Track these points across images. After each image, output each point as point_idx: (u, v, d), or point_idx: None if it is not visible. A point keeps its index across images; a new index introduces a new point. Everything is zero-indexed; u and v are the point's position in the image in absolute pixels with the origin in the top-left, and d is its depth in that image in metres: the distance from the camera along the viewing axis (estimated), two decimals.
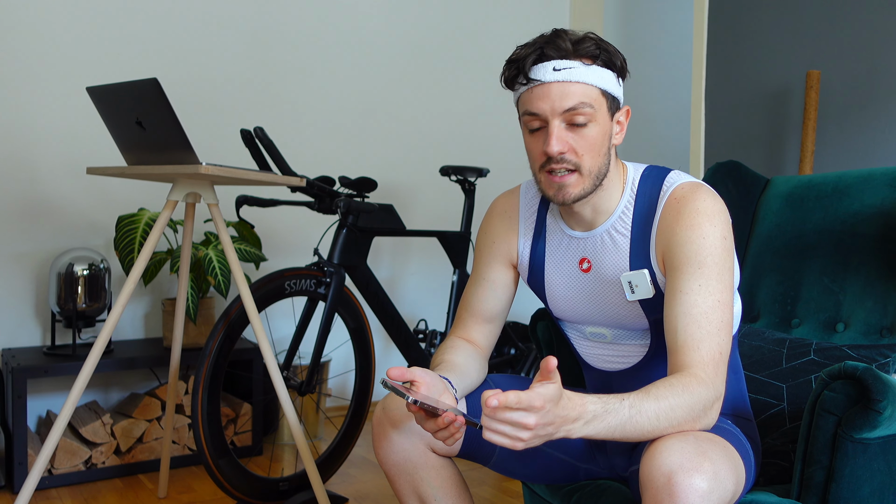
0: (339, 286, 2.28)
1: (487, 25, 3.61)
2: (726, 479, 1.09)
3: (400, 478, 1.38)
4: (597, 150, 1.29)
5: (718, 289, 1.24)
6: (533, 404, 1.02)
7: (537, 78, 1.27)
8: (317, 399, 2.95)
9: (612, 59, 1.29)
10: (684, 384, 1.15)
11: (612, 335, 1.44)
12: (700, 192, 1.30)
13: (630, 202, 1.36)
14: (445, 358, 1.40)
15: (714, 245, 1.26)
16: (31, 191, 2.69)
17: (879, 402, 1.19)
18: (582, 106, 1.26)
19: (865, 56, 2.70)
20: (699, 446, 1.09)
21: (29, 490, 1.84)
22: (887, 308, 1.61)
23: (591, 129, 1.28)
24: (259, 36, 3.07)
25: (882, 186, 1.70)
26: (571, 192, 1.30)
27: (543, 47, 1.27)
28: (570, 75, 1.26)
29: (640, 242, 1.34)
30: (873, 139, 2.68)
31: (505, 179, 3.62)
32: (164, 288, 2.92)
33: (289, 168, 2.24)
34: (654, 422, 1.12)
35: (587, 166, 1.29)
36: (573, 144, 1.28)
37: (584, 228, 1.40)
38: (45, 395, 2.71)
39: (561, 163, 1.28)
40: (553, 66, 1.26)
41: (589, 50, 1.27)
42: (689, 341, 1.21)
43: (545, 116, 1.27)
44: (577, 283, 1.42)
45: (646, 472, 1.09)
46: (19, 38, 2.65)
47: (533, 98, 1.28)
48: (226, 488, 2.10)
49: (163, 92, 1.73)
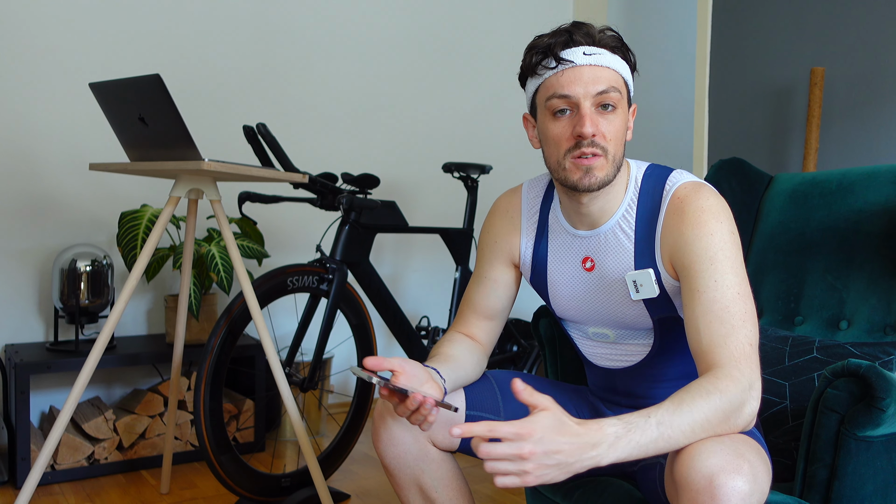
0: (341, 283, 2.28)
1: (491, 23, 3.61)
2: (763, 480, 1.08)
3: (400, 471, 1.38)
4: (620, 138, 1.31)
5: (735, 281, 1.22)
6: (520, 432, 1.01)
7: (569, 59, 1.27)
8: (319, 396, 2.95)
9: (628, 54, 1.32)
10: (718, 387, 1.12)
11: (616, 335, 1.43)
12: (702, 191, 1.30)
13: (633, 200, 1.36)
14: (441, 350, 1.41)
15: (723, 240, 1.25)
16: (35, 187, 2.69)
17: (883, 400, 1.18)
18: (612, 90, 1.27)
19: (870, 53, 2.69)
20: (736, 448, 1.08)
21: (31, 485, 1.84)
22: (891, 306, 1.60)
23: (618, 116, 1.29)
24: (262, 32, 3.07)
25: (886, 184, 1.69)
26: (598, 175, 1.29)
27: (572, 32, 1.28)
28: (599, 60, 1.27)
29: (644, 242, 1.34)
30: (877, 136, 2.67)
31: (508, 176, 3.62)
32: (166, 284, 2.92)
33: (291, 164, 2.24)
34: (690, 435, 1.09)
35: (612, 151, 1.29)
36: (602, 128, 1.28)
37: (587, 227, 1.39)
38: (48, 391, 2.71)
39: (592, 146, 1.27)
40: (583, 51, 1.27)
41: (612, 40, 1.30)
42: (715, 339, 1.18)
43: (576, 99, 1.27)
44: (580, 283, 1.42)
45: (683, 475, 1.07)
46: (22, 34, 2.65)
47: (563, 81, 1.28)
48: (228, 484, 2.10)
49: (165, 88, 1.73)
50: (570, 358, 1.75)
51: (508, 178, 3.63)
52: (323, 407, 3.00)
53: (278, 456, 2.75)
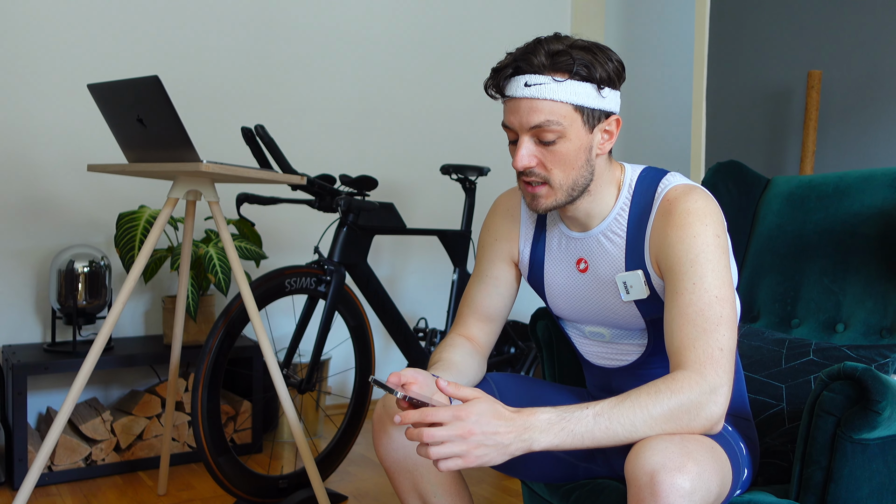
0: (339, 284, 2.28)
1: (488, 24, 3.61)
2: (710, 480, 1.08)
3: (399, 475, 1.38)
4: (569, 165, 1.29)
5: (715, 284, 1.22)
6: (458, 415, 1.09)
7: (509, 94, 1.28)
8: (316, 397, 2.95)
9: (592, 72, 1.25)
10: (670, 388, 1.15)
11: (611, 334, 1.44)
12: (692, 193, 1.30)
13: (626, 204, 1.36)
14: (443, 356, 1.41)
15: (706, 243, 1.25)
16: (32, 188, 2.69)
17: (879, 403, 1.19)
18: (548, 123, 1.25)
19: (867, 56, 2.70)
20: (684, 446, 1.09)
21: (29, 486, 1.84)
22: (887, 309, 1.61)
23: (561, 146, 1.27)
24: (260, 34, 3.07)
25: (883, 187, 1.69)
26: (542, 202, 1.32)
27: (519, 61, 1.26)
28: (538, 92, 1.25)
29: (634, 244, 1.35)
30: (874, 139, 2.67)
31: (505, 178, 3.62)
32: (164, 285, 2.92)
33: (289, 166, 2.24)
34: (632, 430, 1.12)
35: (557, 180, 1.30)
36: (542, 159, 1.29)
37: (580, 229, 1.41)
38: (46, 392, 2.71)
39: (530, 176, 1.30)
40: (525, 81, 1.26)
41: (564, 64, 1.24)
42: (685, 341, 1.20)
43: (516, 130, 1.29)
44: (574, 283, 1.43)
45: (630, 471, 1.09)
46: (20, 34, 2.65)
47: (507, 111, 1.30)
48: (225, 486, 2.10)
49: (164, 89, 1.73)
50: (567, 360, 1.76)
51: (506, 180, 3.63)
52: (320, 408, 3.00)
53: (276, 457, 2.75)
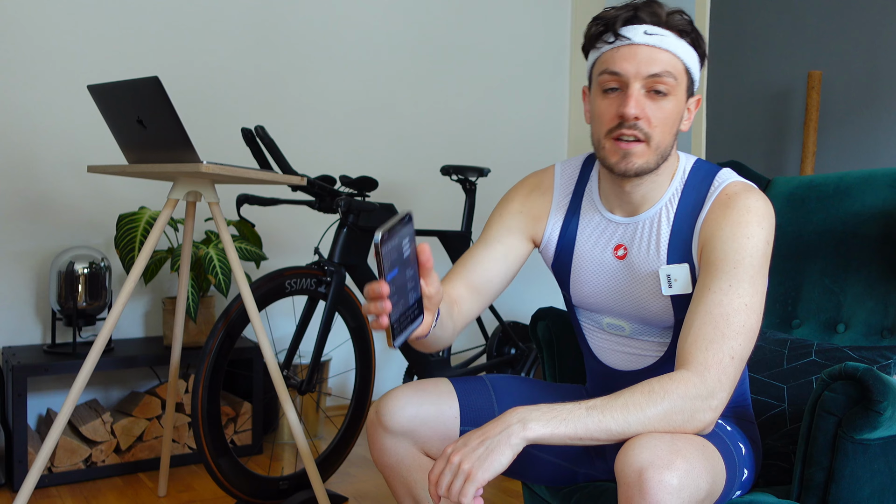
0: (339, 285, 2.28)
1: (488, 25, 3.61)
2: (700, 478, 1.07)
3: (394, 480, 1.37)
4: (669, 126, 1.25)
5: (749, 292, 1.19)
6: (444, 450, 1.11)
7: (627, 36, 1.23)
8: (317, 398, 2.95)
9: (699, 41, 1.26)
10: (665, 388, 1.12)
11: (632, 329, 1.40)
12: (754, 192, 1.27)
13: (677, 192, 1.32)
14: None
15: (756, 247, 1.22)
16: (32, 189, 2.69)
17: (880, 403, 1.18)
18: (666, 75, 1.22)
19: (867, 57, 2.69)
20: (673, 444, 1.08)
21: (29, 488, 1.84)
22: (888, 309, 1.61)
23: (669, 102, 1.24)
24: (260, 35, 3.07)
25: (883, 187, 1.69)
26: (636, 161, 1.25)
27: (638, 9, 1.24)
28: (660, 41, 1.23)
29: (681, 235, 1.30)
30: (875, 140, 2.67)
31: (506, 179, 3.62)
32: (164, 286, 2.92)
33: (289, 167, 2.24)
34: (625, 426, 1.10)
35: (657, 139, 1.25)
36: (649, 113, 1.23)
37: (626, 213, 1.35)
38: (46, 394, 2.71)
39: (633, 129, 1.23)
40: (644, 30, 1.23)
41: (681, 24, 1.24)
42: (700, 341, 1.17)
43: (626, 78, 1.23)
44: (607, 270, 1.37)
45: (619, 468, 1.08)
46: (20, 35, 2.65)
47: (617, 57, 1.24)
48: (226, 487, 2.10)
49: (164, 90, 1.73)
50: (568, 361, 1.76)
51: (507, 181, 3.63)
52: (321, 409, 3.00)
53: (276, 458, 2.75)
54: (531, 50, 3.75)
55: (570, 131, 3.88)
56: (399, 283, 1.04)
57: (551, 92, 3.82)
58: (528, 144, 3.76)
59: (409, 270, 1.06)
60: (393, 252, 1.00)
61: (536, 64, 3.77)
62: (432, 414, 1.33)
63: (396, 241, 1.00)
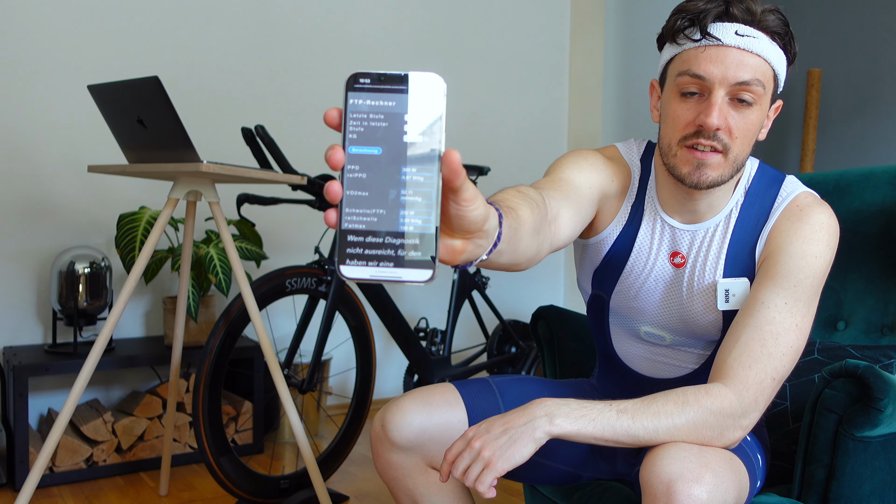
0: (340, 284, 2.28)
1: (488, 25, 3.61)
2: (727, 492, 1.05)
3: (399, 491, 1.32)
4: (750, 137, 1.16)
5: (803, 313, 1.14)
6: (465, 432, 1.08)
7: (716, 36, 1.11)
8: (318, 397, 2.95)
9: (791, 44, 1.15)
10: (700, 402, 1.08)
11: (673, 339, 1.32)
12: (825, 207, 1.19)
13: (740, 201, 1.24)
14: (512, 204, 0.94)
15: (820, 267, 1.16)
16: (33, 189, 2.69)
17: (881, 401, 1.19)
18: (755, 83, 1.12)
19: (866, 55, 2.69)
20: (702, 456, 1.05)
21: (30, 488, 1.84)
22: (888, 307, 1.61)
23: (754, 112, 1.14)
24: (260, 34, 3.07)
25: (883, 185, 1.69)
26: (710, 174, 1.15)
27: (730, 4, 1.11)
28: (752, 45, 1.11)
29: (742, 246, 1.23)
30: (874, 137, 2.67)
31: (506, 178, 3.62)
32: (165, 286, 2.92)
33: (290, 166, 2.24)
34: (654, 434, 1.07)
35: (735, 151, 1.15)
36: (731, 123, 1.13)
37: (687, 220, 1.26)
38: (47, 393, 2.71)
39: (712, 139, 1.13)
40: (736, 30, 1.11)
41: (775, 25, 1.13)
42: (744, 357, 1.11)
43: (711, 83, 1.12)
44: (661, 278, 1.29)
45: (645, 479, 1.06)
46: (20, 35, 2.65)
47: (703, 58, 1.12)
48: (227, 486, 2.10)
49: (164, 90, 1.73)
50: (568, 359, 1.76)
51: (507, 180, 3.63)
52: (321, 408, 3.00)
53: (277, 457, 2.75)
54: (531, 49, 3.75)
55: (571, 130, 3.87)
56: (376, 177, 0.62)
57: (551, 91, 3.82)
58: (528, 143, 3.76)
59: (408, 168, 0.64)
60: (371, 117, 0.63)
61: (536, 63, 3.77)
62: (441, 426, 1.28)
63: (384, 102, 0.63)
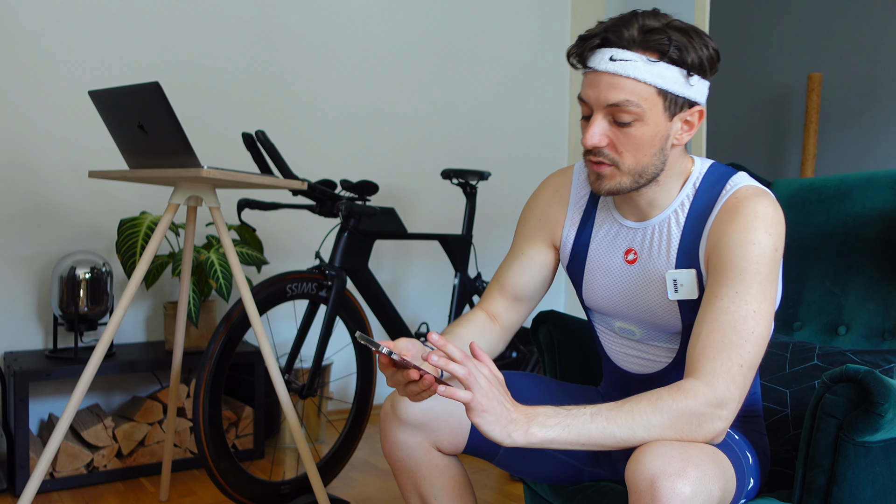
0: (340, 289, 2.28)
1: (489, 28, 3.61)
2: (712, 486, 1.07)
3: (402, 474, 1.38)
4: (641, 151, 1.23)
5: (757, 299, 1.18)
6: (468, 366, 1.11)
7: (591, 65, 1.22)
8: (318, 402, 2.95)
9: (684, 56, 1.19)
10: (673, 397, 1.12)
11: (642, 333, 1.39)
12: (763, 197, 1.24)
13: (688, 198, 1.31)
14: (454, 330, 1.40)
15: (762, 254, 1.19)
16: (34, 194, 2.70)
17: (881, 406, 1.18)
18: (627, 104, 1.19)
19: (867, 59, 2.70)
20: (684, 451, 1.08)
21: (30, 493, 1.84)
22: (889, 311, 1.60)
23: (637, 129, 1.21)
24: (261, 40, 3.08)
25: (884, 189, 1.69)
26: (606, 184, 1.26)
27: (609, 32, 1.20)
28: (623, 68, 1.19)
29: (690, 239, 1.29)
30: (875, 142, 2.67)
31: (506, 183, 3.62)
32: (165, 291, 2.92)
33: (290, 171, 2.24)
34: (630, 433, 1.11)
35: (627, 164, 1.24)
36: (614, 140, 1.23)
37: (636, 218, 1.35)
38: (47, 399, 2.71)
39: (598, 155, 1.24)
40: (611, 56, 1.19)
41: (656, 43, 1.18)
42: (708, 349, 1.16)
43: (591, 106, 1.23)
44: (618, 274, 1.38)
45: (630, 476, 1.08)
46: (21, 41, 2.66)
47: (585, 84, 1.24)
48: (227, 491, 2.10)
49: (164, 96, 1.73)
50: (569, 365, 1.75)
51: (507, 185, 3.63)
52: (322, 413, 2.99)
53: (278, 463, 2.75)
54: (531, 54, 3.75)
55: (571, 135, 3.88)
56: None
57: (552, 95, 3.83)
58: (528, 148, 3.76)
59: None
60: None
61: (537, 68, 3.77)
62: (446, 407, 1.35)
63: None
